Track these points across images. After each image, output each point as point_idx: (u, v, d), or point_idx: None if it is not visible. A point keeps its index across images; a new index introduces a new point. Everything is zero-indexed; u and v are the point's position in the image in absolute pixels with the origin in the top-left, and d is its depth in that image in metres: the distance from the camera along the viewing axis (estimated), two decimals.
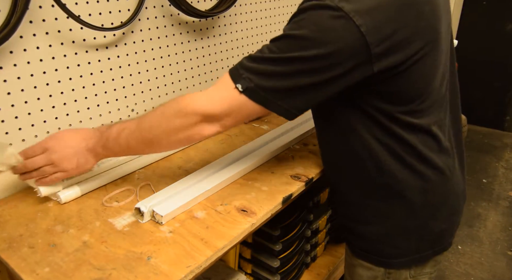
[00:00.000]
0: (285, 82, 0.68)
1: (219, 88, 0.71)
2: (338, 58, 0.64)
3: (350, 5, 0.62)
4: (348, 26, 0.62)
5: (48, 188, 0.84)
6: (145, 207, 0.79)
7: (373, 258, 0.87)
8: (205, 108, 0.71)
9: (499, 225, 2.22)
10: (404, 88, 0.71)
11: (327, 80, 0.67)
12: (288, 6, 1.53)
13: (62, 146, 0.79)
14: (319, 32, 0.64)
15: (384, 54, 0.65)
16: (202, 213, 0.82)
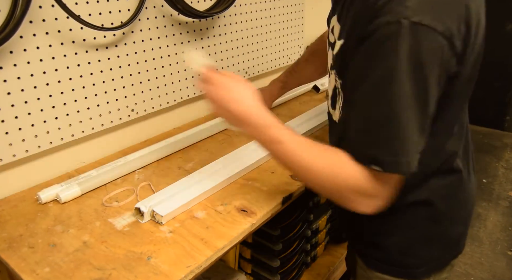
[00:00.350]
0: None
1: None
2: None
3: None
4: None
5: (47, 195, 0.85)
6: (145, 207, 0.79)
7: (393, 269, 0.84)
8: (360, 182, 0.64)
9: (499, 225, 2.22)
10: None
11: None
12: (288, 6, 1.53)
13: (241, 92, 0.75)
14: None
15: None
16: (202, 213, 0.82)
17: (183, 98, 1.24)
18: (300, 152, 0.68)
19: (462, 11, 0.58)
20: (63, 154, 1.00)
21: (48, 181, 0.96)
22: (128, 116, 1.10)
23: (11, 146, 0.88)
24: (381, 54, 0.58)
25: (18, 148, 0.89)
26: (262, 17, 1.43)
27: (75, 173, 0.99)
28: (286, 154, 0.69)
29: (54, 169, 0.98)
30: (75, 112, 0.98)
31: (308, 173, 0.68)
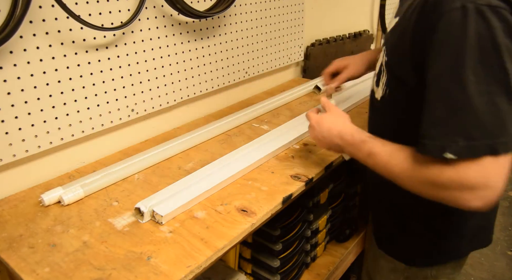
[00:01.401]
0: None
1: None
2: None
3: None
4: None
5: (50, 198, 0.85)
6: (145, 207, 0.79)
7: (401, 256, 0.90)
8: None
9: (499, 225, 2.22)
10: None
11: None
12: (288, 6, 1.53)
13: (320, 135, 0.86)
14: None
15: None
16: (202, 213, 0.82)
17: (183, 98, 1.24)
18: (393, 163, 0.70)
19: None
20: (63, 154, 1.00)
21: (48, 181, 0.96)
22: (128, 116, 1.10)
23: (11, 146, 0.88)
24: (450, 42, 0.58)
25: (18, 148, 0.89)
26: (262, 17, 1.43)
27: (75, 173, 0.99)
28: (380, 165, 0.72)
29: (54, 169, 0.98)
30: (75, 112, 0.98)
31: (400, 180, 0.69)
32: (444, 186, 0.61)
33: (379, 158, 0.72)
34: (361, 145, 0.76)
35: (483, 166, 0.58)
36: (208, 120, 1.26)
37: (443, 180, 0.61)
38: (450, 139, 0.59)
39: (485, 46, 0.57)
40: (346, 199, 1.50)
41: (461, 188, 0.60)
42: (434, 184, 0.63)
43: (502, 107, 0.58)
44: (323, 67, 1.82)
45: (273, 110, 1.35)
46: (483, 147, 0.57)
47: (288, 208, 0.98)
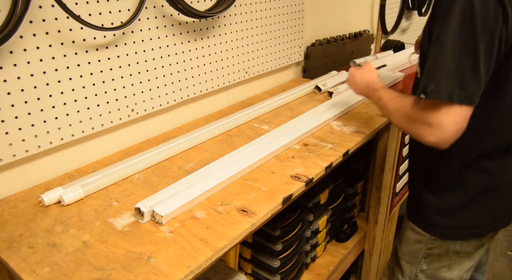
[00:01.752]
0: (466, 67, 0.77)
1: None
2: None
3: None
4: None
5: (50, 198, 0.85)
6: (145, 207, 0.79)
7: (426, 225, 0.99)
8: (419, 113, 0.83)
9: None
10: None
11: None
12: (288, 6, 1.53)
13: (353, 82, 1.15)
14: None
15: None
16: (202, 213, 0.82)
17: (183, 98, 1.24)
18: (391, 103, 0.94)
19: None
20: (63, 154, 1.00)
21: (48, 181, 0.96)
22: (128, 116, 1.10)
23: (11, 146, 0.88)
24: (445, 10, 0.77)
25: (18, 148, 0.89)
26: (262, 17, 1.43)
27: (75, 173, 0.99)
28: (383, 106, 0.98)
29: (54, 169, 0.98)
30: (75, 112, 0.98)
31: (391, 115, 0.94)
32: (413, 120, 0.83)
33: (382, 101, 0.97)
34: (375, 92, 1.02)
35: (440, 109, 0.77)
36: (208, 120, 1.26)
37: (414, 115, 0.83)
38: (426, 84, 0.78)
39: (465, 19, 0.74)
40: (346, 199, 1.50)
41: (423, 123, 0.80)
42: (409, 118, 0.85)
43: (466, 70, 0.75)
44: (323, 67, 1.83)
45: (273, 110, 1.35)
46: (444, 94, 0.75)
47: (288, 208, 0.98)
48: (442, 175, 0.96)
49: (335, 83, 1.53)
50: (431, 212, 0.98)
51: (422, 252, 1.02)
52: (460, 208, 0.95)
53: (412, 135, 0.86)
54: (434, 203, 0.97)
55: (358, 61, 1.83)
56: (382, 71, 1.65)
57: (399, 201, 1.71)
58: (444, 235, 0.98)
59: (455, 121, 0.76)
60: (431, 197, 0.98)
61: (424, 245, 1.01)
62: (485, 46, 0.74)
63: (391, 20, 2.34)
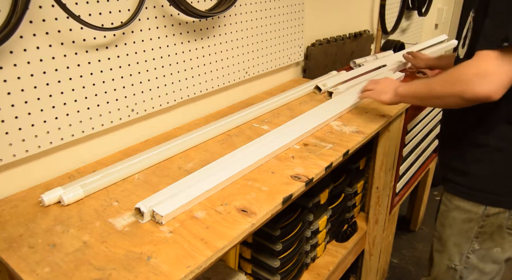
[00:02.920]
0: None
1: (483, 57, 0.81)
2: None
3: None
4: None
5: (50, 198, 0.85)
6: (145, 207, 0.79)
7: (479, 195, 0.97)
8: (481, 64, 0.82)
9: None
10: None
11: None
12: (288, 6, 1.53)
13: (384, 82, 1.18)
14: None
15: None
16: (202, 213, 0.82)
17: (183, 98, 1.24)
18: (428, 81, 0.97)
19: None
20: (63, 154, 1.00)
21: (48, 181, 0.96)
22: (128, 116, 1.10)
23: (11, 146, 0.88)
24: None
25: (18, 148, 0.89)
26: (262, 17, 1.43)
27: (75, 173, 0.99)
28: (419, 86, 1.00)
29: (54, 169, 0.98)
30: (75, 112, 0.98)
31: (432, 86, 0.94)
32: (462, 78, 0.83)
33: (417, 83, 1.02)
34: (410, 83, 1.06)
35: (498, 57, 0.78)
36: (208, 120, 1.26)
37: (463, 71, 0.84)
38: (508, 34, 0.77)
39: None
40: (346, 199, 1.50)
41: (475, 76, 0.81)
42: (455, 79, 0.86)
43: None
44: (323, 67, 1.83)
45: (273, 110, 1.35)
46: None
47: (288, 208, 0.98)
48: (484, 136, 0.96)
49: (335, 83, 1.53)
50: (477, 179, 0.97)
51: (474, 231, 0.99)
52: (505, 174, 0.94)
53: (460, 94, 0.84)
54: (480, 169, 0.97)
55: (358, 61, 1.83)
56: (382, 71, 1.65)
57: (399, 201, 1.71)
58: (503, 204, 0.96)
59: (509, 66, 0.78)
60: (476, 164, 0.98)
61: (475, 223, 0.98)
62: None
63: (391, 20, 2.34)
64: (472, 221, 0.99)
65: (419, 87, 1.00)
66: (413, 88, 1.03)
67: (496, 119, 0.94)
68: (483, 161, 0.97)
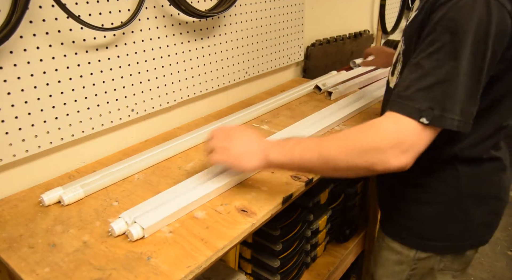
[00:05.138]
0: (466, 95, 0.66)
1: (400, 124, 0.67)
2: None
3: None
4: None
5: (50, 198, 0.85)
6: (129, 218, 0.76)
7: (410, 239, 0.89)
8: (399, 139, 0.66)
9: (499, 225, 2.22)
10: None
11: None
12: (288, 6, 1.53)
13: (239, 137, 0.81)
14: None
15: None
16: (202, 213, 0.82)
17: (183, 98, 1.24)
18: (325, 139, 0.73)
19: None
20: (63, 154, 1.00)
21: (48, 181, 0.96)
22: (128, 116, 1.10)
23: (11, 146, 0.88)
24: (454, 20, 0.65)
25: (18, 148, 0.89)
26: (262, 17, 1.43)
27: (75, 173, 0.99)
28: (311, 149, 0.73)
29: (54, 169, 0.98)
30: (75, 112, 0.98)
31: (330, 152, 0.71)
32: (374, 146, 0.67)
33: (306, 142, 0.75)
34: (286, 141, 0.78)
35: (413, 127, 0.66)
36: (208, 120, 1.26)
37: (399, 138, 0.66)
38: (430, 106, 0.66)
39: (480, 32, 0.64)
40: (346, 199, 1.50)
41: (400, 149, 0.66)
42: (362, 147, 0.68)
43: (475, 95, 0.67)
44: (323, 67, 1.83)
45: (273, 110, 1.35)
46: (451, 122, 0.66)
47: (288, 208, 0.98)
48: (416, 180, 0.86)
49: (335, 83, 1.53)
50: (411, 222, 0.88)
51: (406, 273, 0.91)
52: (438, 218, 0.85)
53: (370, 167, 0.68)
54: (411, 212, 0.88)
55: (358, 61, 1.83)
56: (382, 71, 1.65)
57: None
58: (432, 249, 0.88)
59: (430, 138, 0.68)
60: (410, 205, 0.88)
61: (407, 266, 0.90)
62: (487, 69, 0.67)
63: (391, 20, 2.34)
64: (403, 264, 0.91)
65: (306, 154, 0.73)
66: (297, 154, 0.74)
67: (445, 158, 0.82)
68: (420, 203, 0.87)
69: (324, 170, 0.73)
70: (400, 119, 0.66)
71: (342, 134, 0.72)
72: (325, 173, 0.75)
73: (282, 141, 0.78)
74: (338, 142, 0.71)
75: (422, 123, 0.65)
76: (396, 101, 0.68)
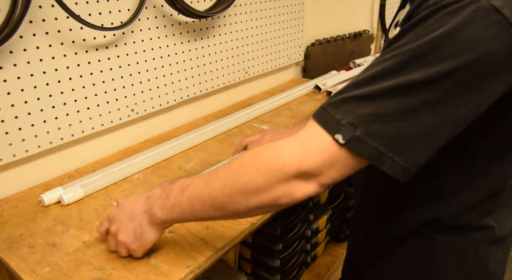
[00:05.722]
0: (411, 122, 0.46)
1: (311, 136, 0.50)
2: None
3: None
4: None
5: (50, 198, 0.85)
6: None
7: None
8: (300, 161, 0.50)
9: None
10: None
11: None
12: (288, 6, 1.53)
13: (122, 212, 0.65)
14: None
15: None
16: None
17: (183, 98, 1.24)
18: (215, 175, 0.57)
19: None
20: (63, 154, 1.00)
21: (48, 181, 0.96)
22: (128, 116, 1.10)
23: (11, 146, 0.88)
24: (431, 29, 0.45)
25: (18, 148, 0.89)
26: (262, 17, 1.43)
27: (75, 173, 0.99)
28: (196, 195, 0.57)
29: (54, 169, 0.98)
30: (75, 112, 0.98)
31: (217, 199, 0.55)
32: (275, 169, 0.51)
33: (194, 185, 0.58)
34: (170, 187, 0.61)
35: (330, 147, 0.49)
36: (208, 120, 1.26)
37: (305, 161, 0.50)
38: (352, 122, 0.47)
39: (471, 48, 0.45)
40: (346, 199, 1.50)
41: (308, 175, 0.51)
42: (265, 170, 0.51)
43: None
44: (323, 67, 1.83)
45: (273, 110, 1.35)
46: (374, 150, 0.47)
47: (288, 208, 0.98)
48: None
49: (335, 82, 1.53)
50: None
51: None
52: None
53: (273, 202, 0.53)
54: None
55: (358, 61, 1.83)
56: None
57: None
58: None
59: (350, 166, 0.51)
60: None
61: None
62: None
63: (391, 20, 2.34)
64: None
65: (195, 203, 0.58)
66: (185, 204, 0.59)
67: (420, 224, 0.64)
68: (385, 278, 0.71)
69: (223, 216, 0.58)
70: (316, 131, 0.49)
71: (235, 162, 0.55)
72: (226, 218, 0.64)
73: (167, 189, 0.61)
74: (228, 178, 0.54)
75: (337, 141, 0.48)
76: (320, 107, 0.51)
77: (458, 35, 0.44)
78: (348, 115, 0.47)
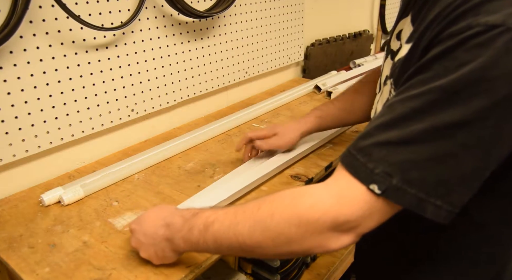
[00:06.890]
0: (451, 165, 0.44)
1: (344, 187, 0.49)
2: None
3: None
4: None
5: (50, 198, 0.85)
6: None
7: None
8: (336, 214, 0.48)
9: None
10: None
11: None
12: (288, 6, 1.53)
13: (141, 231, 0.65)
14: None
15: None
16: None
17: (183, 98, 1.24)
18: (242, 214, 0.55)
19: None
20: (63, 154, 1.00)
21: (48, 181, 0.96)
22: (128, 116, 1.10)
23: (11, 146, 0.88)
24: (461, 62, 0.42)
25: (18, 148, 0.89)
26: (262, 17, 1.43)
27: (75, 173, 0.99)
28: (221, 232, 0.56)
29: (54, 169, 0.98)
30: (75, 112, 0.98)
31: (253, 236, 0.53)
32: (312, 221, 0.49)
33: (219, 223, 0.56)
34: (193, 221, 0.59)
35: (365, 197, 0.47)
36: (208, 120, 1.26)
37: (343, 214, 0.48)
38: (388, 172, 0.45)
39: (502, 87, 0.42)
40: None
41: (342, 228, 0.49)
42: (299, 221, 0.49)
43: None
44: (323, 67, 1.83)
45: (273, 110, 1.35)
46: (413, 198, 0.45)
47: None
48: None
49: (335, 83, 1.53)
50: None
51: None
52: None
53: (307, 251, 0.52)
54: None
55: (358, 61, 1.83)
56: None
57: None
58: None
59: (386, 214, 0.49)
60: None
61: None
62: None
63: (391, 20, 2.34)
64: None
65: (222, 242, 0.56)
66: (210, 243, 0.57)
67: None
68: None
69: (252, 255, 0.57)
70: (348, 181, 0.48)
71: (264, 208, 0.53)
72: (254, 256, 0.62)
73: (189, 222, 0.60)
74: (258, 225, 0.53)
75: (372, 191, 0.46)
76: (347, 152, 0.49)
77: (493, 69, 0.40)
78: (382, 164, 0.45)
